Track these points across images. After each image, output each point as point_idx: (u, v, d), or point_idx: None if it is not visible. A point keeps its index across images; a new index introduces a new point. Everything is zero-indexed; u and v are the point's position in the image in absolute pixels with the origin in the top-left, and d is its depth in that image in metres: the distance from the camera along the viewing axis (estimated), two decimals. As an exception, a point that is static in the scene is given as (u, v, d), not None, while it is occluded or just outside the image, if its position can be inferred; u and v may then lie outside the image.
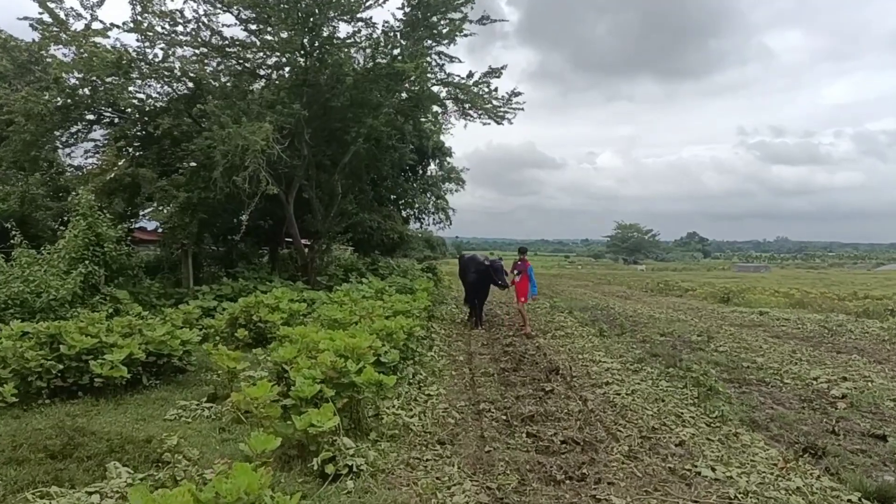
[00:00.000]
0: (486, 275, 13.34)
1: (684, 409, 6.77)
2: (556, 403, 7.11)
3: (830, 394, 7.65)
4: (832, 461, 5.36)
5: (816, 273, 71.32)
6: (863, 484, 4.61)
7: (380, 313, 8.76)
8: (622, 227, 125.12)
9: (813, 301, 19.62)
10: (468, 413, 6.80)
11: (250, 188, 12.54)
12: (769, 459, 5.26)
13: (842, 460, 5.37)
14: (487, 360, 10.08)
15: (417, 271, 21.32)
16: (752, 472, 4.90)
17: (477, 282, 13.81)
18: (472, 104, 17.81)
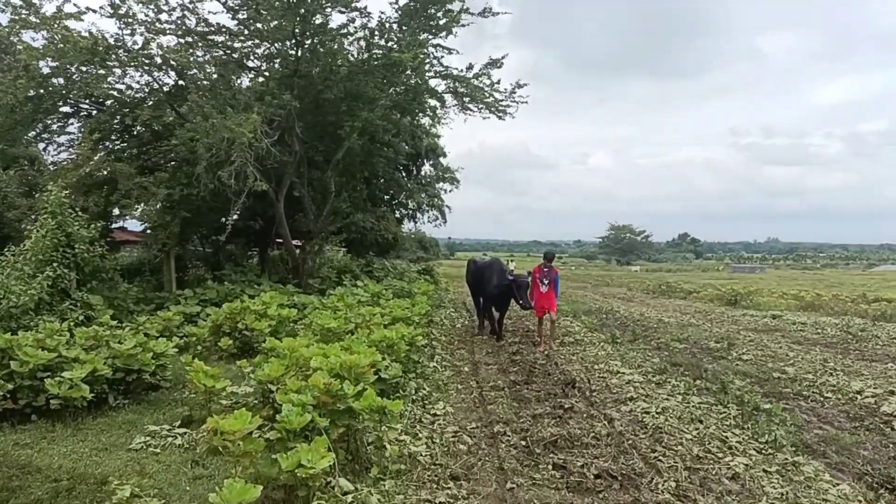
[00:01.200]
0: (508, 290, 11.28)
1: (728, 432, 5.94)
2: (580, 424, 6.27)
3: (881, 411, 6.86)
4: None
5: (812, 274, 70.98)
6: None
7: (378, 321, 7.91)
8: (615, 228, 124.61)
9: (825, 304, 18.90)
10: (481, 437, 5.95)
11: (237, 185, 11.66)
12: (843, 498, 4.44)
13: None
14: (495, 370, 9.24)
15: (414, 273, 20.46)
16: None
17: (499, 296, 11.71)
18: (471, 98, 16.97)
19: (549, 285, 10.88)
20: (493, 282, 11.63)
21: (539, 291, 10.94)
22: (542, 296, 10.94)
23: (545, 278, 10.97)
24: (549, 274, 10.99)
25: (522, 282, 10.97)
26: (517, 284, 11.01)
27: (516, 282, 11.06)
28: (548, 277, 10.96)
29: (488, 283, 11.81)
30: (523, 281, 11.00)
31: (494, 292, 11.64)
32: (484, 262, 12.92)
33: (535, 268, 11.27)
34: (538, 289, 10.94)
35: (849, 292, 27.14)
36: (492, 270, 11.90)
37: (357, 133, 14.65)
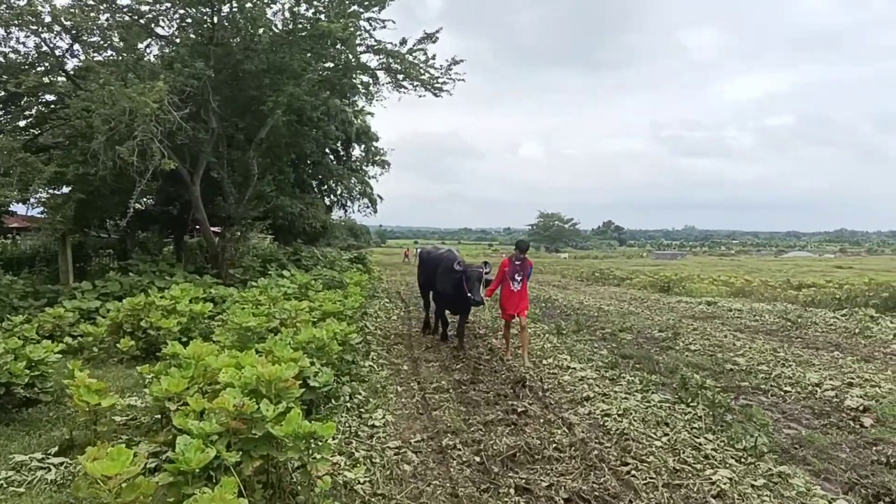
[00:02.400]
0: (460, 286, 9.16)
1: (700, 438, 5.37)
2: (538, 432, 5.55)
3: (845, 406, 6.51)
4: (917, 512, 4.09)
5: (729, 260, 74.26)
6: None
7: (306, 317, 6.92)
8: (544, 216, 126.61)
9: (755, 290, 19.18)
10: (429, 453, 5.13)
11: (141, 163, 10.26)
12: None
13: (928, 511, 4.11)
14: (437, 368, 8.43)
15: (345, 262, 19.35)
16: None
17: (452, 295, 9.55)
18: (406, 74, 15.99)
19: (523, 282, 8.79)
20: (444, 277, 9.65)
21: (509, 289, 8.79)
22: (512, 295, 8.76)
23: (517, 273, 8.75)
24: (522, 268, 8.79)
25: (473, 272, 9.01)
26: (467, 275, 9.05)
27: (466, 272, 9.09)
28: (521, 272, 8.76)
29: (439, 278, 9.86)
30: (474, 271, 9.01)
31: (445, 289, 9.65)
32: (437, 253, 10.85)
33: (504, 260, 9.08)
34: (508, 287, 8.78)
35: (769, 277, 28.06)
36: (443, 263, 9.95)
37: (282, 110, 13.40)
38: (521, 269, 8.77)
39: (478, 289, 8.88)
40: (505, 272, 8.85)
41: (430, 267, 10.60)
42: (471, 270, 9.07)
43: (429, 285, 10.87)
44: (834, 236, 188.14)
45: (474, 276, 8.96)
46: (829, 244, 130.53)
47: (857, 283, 17.21)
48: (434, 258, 10.61)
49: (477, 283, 8.88)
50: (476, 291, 8.86)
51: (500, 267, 8.98)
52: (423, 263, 11.31)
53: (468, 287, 8.91)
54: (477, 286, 8.87)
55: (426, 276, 10.86)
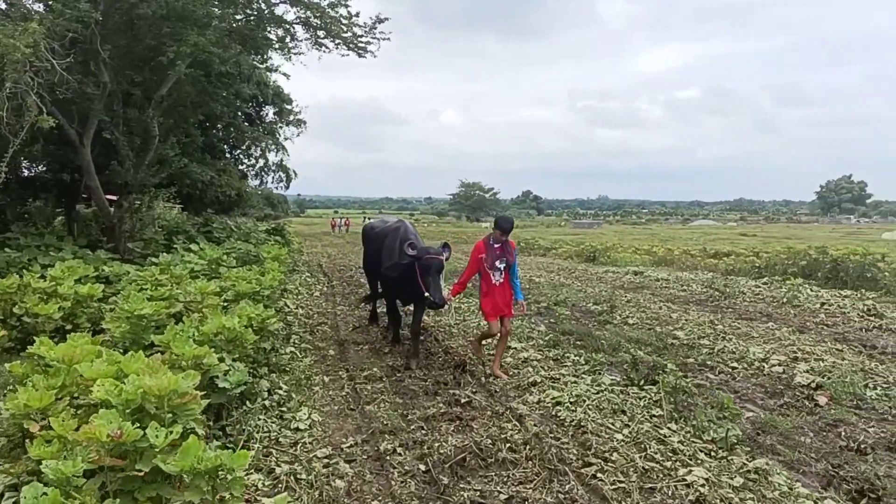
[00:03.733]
0: (410, 273, 6.73)
1: (663, 429, 4.91)
2: (486, 428, 4.92)
3: (795, 382, 6.28)
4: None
5: (642, 228, 77.11)
6: None
7: (214, 301, 5.94)
8: (466, 186, 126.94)
9: (676, 259, 19.48)
10: (364, 461, 4.39)
11: (15, 120, 8.72)
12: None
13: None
14: (367, 351, 7.67)
15: (262, 234, 18.02)
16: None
17: (399, 282, 7.22)
18: (327, 31, 14.71)
19: (506, 271, 6.41)
20: (389, 259, 7.28)
21: (489, 282, 6.37)
22: (494, 290, 6.37)
23: (499, 260, 6.32)
24: (504, 253, 6.36)
25: (430, 260, 6.51)
26: (421, 264, 6.53)
27: (420, 259, 6.54)
28: (503, 258, 6.35)
29: (384, 261, 7.44)
30: (432, 259, 6.52)
31: (390, 275, 7.34)
32: (383, 227, 8.34)
33: (478, 243, 6.54)
34: (488, 279, 6.37)
35: (682, 245, 28.92)
36: (390, 240, 7.44)
37: (186, 62, 11.92)
38: (503, 254, 6.31)
39: (437, 283, 6.48)
40: (481, 259, 6.33)
41: (374, 245, 8.26)
42: (427, 257, 6.52)
43: (374, 269, 8.46)
44: (734, 205, 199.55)
45: (433, 266, 6.50)
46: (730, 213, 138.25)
47: (774, 251, 17.72)
48: (378, 234, 8.22)
49: (436, 275, 6.51)
50: (435, 288, 6.44)
51: (474, 252, 6.45)
52: (366, 240, 8.95)
53: (423, 282, 6.51)
54: (436, 280, 6.49)
55: (371, 258, 8.51)
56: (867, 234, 49.93)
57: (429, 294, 6.46)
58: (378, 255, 7.79)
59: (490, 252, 6.34)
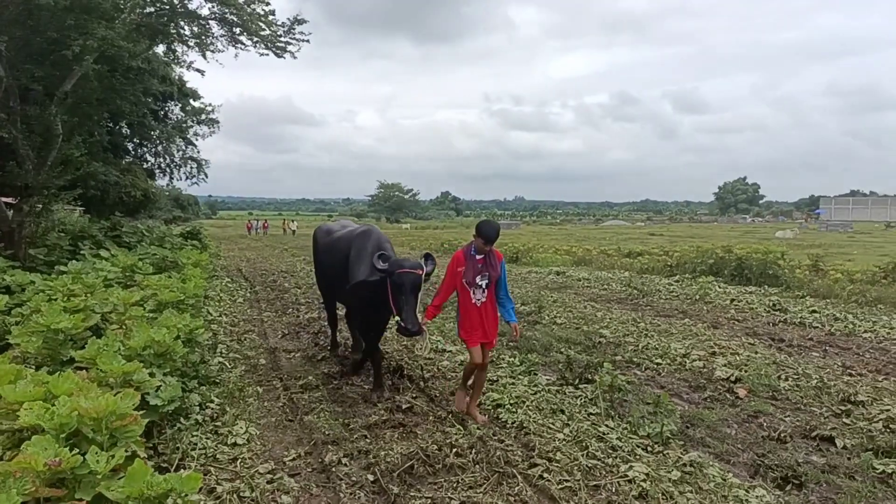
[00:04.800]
0: (380, 291, 5.49)
1: (601, 426, 5.06)
2: (431, 434, 4.91)
3: (716, 377, 6.65)
4: (822, 492, 4.07)
5: (558, 229, 79.39)
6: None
7: (138, 312, 5.60)
8: (384, 187, 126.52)
9: (595, 258, 20.20)
10: (309, 474, 4.27)
11: None
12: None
13: (831, 489, 4.11)
14: (299, 359, 7.46)
15: (177, 238, 17.13)
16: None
17: (366, 301, 5.88)
18: (244, 28, 14.26)
19: (489, 288, 5.14)
20: (356, 273, 5.82)
21: (469, 301, 5.12)
22: (472, 312, 5.14)
23: (480, 275, 5.07)
24: (486, 265, 5.09)
25: (404, 276, 5.26)
26: (394, 280, 5.28)
27: (392, 275, 5.30)
28: (485, 273, 5.07)
29: (350, 270, 5.93)
30: (407, 274, 5.27)
31: (356, 293, 5.89)
32: (347, 231, 6.76)
33: (457, 253, 5.25)
34: (467, 297, 5.13)
35: (598, 245, 30.04)
36: (357, 250, 6.01)
37: (92, 57, 11.18)
38: (486, 268, 5.07)
39: (411, 305, 5.21)
40: (459, 274, 5.08)
41: (331, 255, 6.67)
42: (400, 272, 5.24)
43: (330, 286, 7.09)
44: (641, 206, 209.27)
45: (407, 283, 5.21)
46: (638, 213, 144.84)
47: (683, 250, 18.71)
48: (337, 241, 6.63)
49: (410, 295, 5.22)
50: (408, 310, 5.17)
51: (451, 265, 5.17)
52: (320, 249, 7.28)
53: (394, 302, 5.28)
54: (410, 301, 5.21)
55: (325, 271, 7.08)
56: (762, 232, 53.66)
57: (400, 318, 5.19)
58: (337, 269, 6.32)
59: (470, 265, 5.05)
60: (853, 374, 6.73)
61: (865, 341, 8.38)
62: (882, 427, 5.08)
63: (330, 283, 7.09)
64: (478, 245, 5.10)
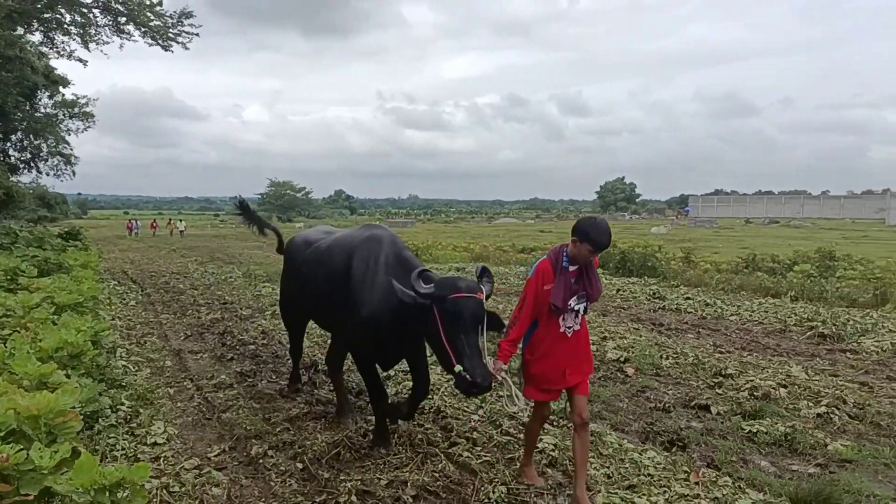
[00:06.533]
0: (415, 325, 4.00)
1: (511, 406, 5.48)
2: (354, 422, 5.11)
3: (609, 357, 7.31)
4: (702, 451, 4.69)
5: (453, 227, 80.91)
6: (794, 491, 3.91)
7: (43, 315, 5.35)
8: (276, 185, 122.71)
9: (491, 254, 20.98)
10: (237, 467, 4.34)
11: None
12: (661, 467, 4.27)
13: (709, 448, 4.75)
14: (208, 360, 7.35)
15: (56, 240, 15.92)
16: (677, 499, 3.81)
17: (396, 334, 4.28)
18: (129, 18, 13.59)
19: (584, 315, 3.82)
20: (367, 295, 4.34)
21: (553, 332, 3.70)
22: (559, 346, 3.73)
23: (577, 296, 3.69)
24: (584, 281, 3.70)
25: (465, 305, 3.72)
26: (448, 310, 3.70)
27: (445, 301, 3.72)
28: (582, 292, 3.70)
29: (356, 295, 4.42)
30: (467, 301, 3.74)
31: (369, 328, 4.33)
32: (341, 237, 5.21)
33: (542, 263, 3.75)
34: (552, 327, 3.70)
35: (493, 242, 31.14)
36: (365, 261, 4.48)
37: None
38: (584, 283, 3.71)
39: (475, 347, 3.70)
40: (547, 294, 3.62)
41: (315, 273, 5.05)
42: (456, 297, 3.70)
43: (314, 309, 5.44)
44: (530, 204, 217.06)
45: (468, 311, 3.70)
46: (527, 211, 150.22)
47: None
48: (327, 253, 4.99)
49: (472, 331, 3.73)
50: (475, 357, 3.65)
51: (535, 280, 3.70)
52: (296, 261, 5.58)
53: (450, 342, 3.68)
54: (474, 340, 3.72)
55: (306, 295, 5.32)
56: (639, 228, 57.57)
57: (461, 367, 3.59)
58: (326, 292, 4.82)
59: (561, 281, 3.61)
60: (723, 352, 7.65)
61: (732, 323, 9.48)
62: (748, 395, 5.87)
63: (309, 305, 5.41)
64: (578, 253, 3.57)
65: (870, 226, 53.83)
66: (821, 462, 4.49)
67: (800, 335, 8.61)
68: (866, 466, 4.43)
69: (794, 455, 4.63)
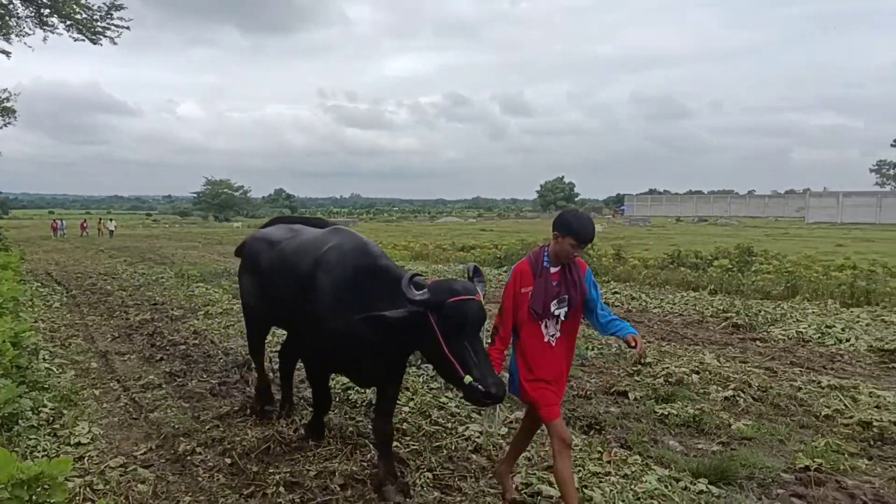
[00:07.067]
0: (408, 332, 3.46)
1: (441, 398, 5.65)
2: (285, 417, 5.17)
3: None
4: (617, 433, 5.00)
5: (395, 226, 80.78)
6: (696, 467, 4.24)
7: (-45, 317, 5.18)
8: (212, 183, 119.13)
9: (431, 253, 21.18)
10: (164, 464, 4.34)
11: None
12: (578, 448, 4.53)
13: (624, 430, 5.06)
14: (136, 361, 7.22)
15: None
16: (589, 477, 4.07)
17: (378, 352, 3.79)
18: (54, 9, 13.07)
19: (571, 318, 3.45)
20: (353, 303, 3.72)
21: (536, 340, 3.39)
22: (547, 355, 3.41)
23: (558, 298, 3.35)
24: (566, 284, 3.37)
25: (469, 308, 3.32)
26: (449, 317, 3.27)
27: (444, 307, 3.28)
28: (564, 296, 3.36)
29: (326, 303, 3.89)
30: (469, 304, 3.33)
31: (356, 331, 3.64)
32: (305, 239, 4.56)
33: (520, 264, 3.49)
34: (534, 334, 3.39)
35: (434, 240, 31.40)
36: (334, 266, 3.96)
37: None
38: (567, 286, 3.39)
39: (485, 354, 3.35)
40: (525, 298, 3.39)
41: (282, 278, 4.47)
42: (454, 301, 3.29)
43: (281, 322, 5.10)
44: (472, 203, 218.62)
45: (472, 315, 3.34)
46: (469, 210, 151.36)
47: (510, 243, 20.33)
48: (294, 256, 4.40)
49: (476, 337, 3.38)
50: (485, 364, 3.27)
51: (512, 283, 3.46)
52: (257, 264, 4.89)
53: (452, 351, 3.25)
54: (479, 346, 3.35)
55: (272, 301, 4.77)
56: (577, 227, 59.14)
57: (472, 377, 3.18)
58: (294, 299, 4.24)
59: (541, 284, 3.34)
60: (644, 342, 8.05)
61: (655, 315, 9.98)
62: (663, 381, 6.24)
63: (274, 312, 4.89)
64: (560, 250, 3.33)
65: (791, 224, 56.94)
66: (724, 440, 4.86)
67: (715, 325, 9.16)
68: (764, 443, 4.82)
69: (701, 435, 4.99)
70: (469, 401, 3.43)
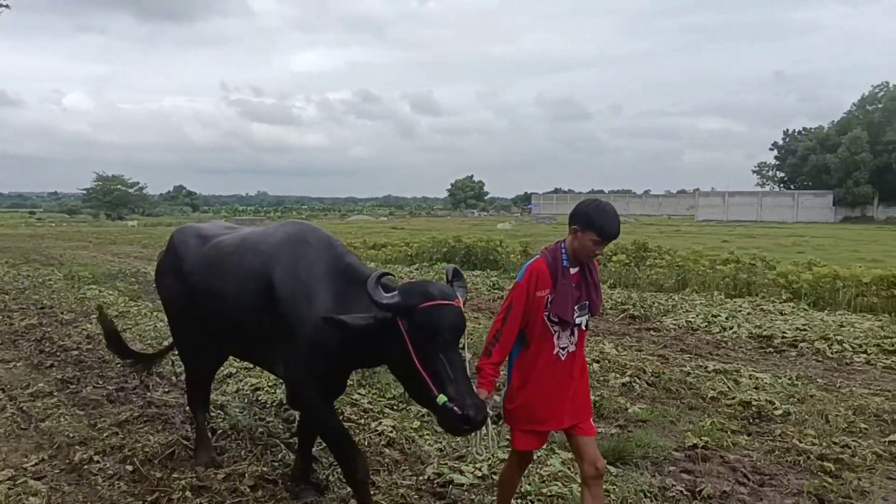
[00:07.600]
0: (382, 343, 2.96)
1: (354, 394, 5.67)
2: (191, 422, 5.01)
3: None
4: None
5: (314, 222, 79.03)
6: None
7: None
8: (103, 180, 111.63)
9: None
10: (58, 475, 4.13)
11: None
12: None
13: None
14: (23, 368, 6.74)
15: None
16: (497, 464, 4.23)
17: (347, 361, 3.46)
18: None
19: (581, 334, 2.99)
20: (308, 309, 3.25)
21: (546, 351, 2.90)
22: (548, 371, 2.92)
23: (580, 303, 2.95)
24: (586, 286, 2.97)
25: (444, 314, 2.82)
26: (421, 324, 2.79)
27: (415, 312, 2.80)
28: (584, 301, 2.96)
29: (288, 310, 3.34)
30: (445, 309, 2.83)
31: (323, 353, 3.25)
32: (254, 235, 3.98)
33: (536, 262, 2.93)
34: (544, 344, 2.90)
35: (344, 238, 31.07)
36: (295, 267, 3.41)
37: None
38: (588, 288, 2.99)
39: (463, 370, 2.86)
40: (541, 303, 2.88)
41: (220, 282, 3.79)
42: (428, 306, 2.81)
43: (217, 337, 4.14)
44: (383, 201, 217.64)
45: (446, 323, 2.83)
46: (380, 208, 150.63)
47: (421, 241, 20.44)
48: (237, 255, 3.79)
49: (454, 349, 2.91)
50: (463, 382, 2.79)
51: (523, 285, 2.89)
52: (186, 270, 4.10)
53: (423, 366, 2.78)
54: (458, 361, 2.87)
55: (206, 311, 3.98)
56: (487, 224, 60.25)
57: (446, 397, 2.73)
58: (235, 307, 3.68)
59: (562, 287, 2.89)
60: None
61: (559, 309, 10.40)
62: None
63: (216, 334, 4.08)
64: (580, 247, 2.89)
65: (682, 221, 60.71)
66: (621, 423, 5.19)
67: (615, 317, 9.70)
68: (657, 424, 5.19)
69: (601, 419, 5.28)
70: (444, 427, 2.85)
